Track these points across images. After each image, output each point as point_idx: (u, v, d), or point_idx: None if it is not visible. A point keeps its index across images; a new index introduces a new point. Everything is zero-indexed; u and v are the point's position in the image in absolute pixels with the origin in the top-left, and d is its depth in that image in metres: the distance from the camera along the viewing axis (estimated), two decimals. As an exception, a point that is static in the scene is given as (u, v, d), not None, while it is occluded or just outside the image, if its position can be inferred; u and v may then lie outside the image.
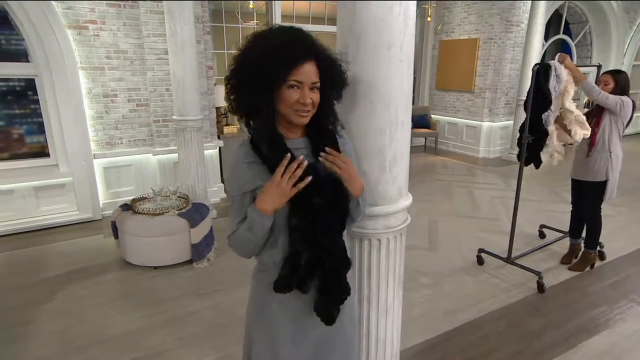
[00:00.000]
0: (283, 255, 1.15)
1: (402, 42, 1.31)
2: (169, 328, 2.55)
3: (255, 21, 6.30)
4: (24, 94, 4.39)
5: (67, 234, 4.00)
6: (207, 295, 2.91)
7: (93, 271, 3.26)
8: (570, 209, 3.42)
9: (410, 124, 1.48)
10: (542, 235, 3.90)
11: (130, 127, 4.40)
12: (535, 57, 6.35)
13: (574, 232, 3.40)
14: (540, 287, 2.94)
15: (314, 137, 1.18)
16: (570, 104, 2.96)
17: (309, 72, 1.07)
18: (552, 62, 2.86)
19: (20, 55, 4.12)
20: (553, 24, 8.12)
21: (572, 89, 2.95)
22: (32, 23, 3.81)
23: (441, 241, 3.84)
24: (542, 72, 2.82)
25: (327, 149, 1.12)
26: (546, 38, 7.78)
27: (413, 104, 8.06)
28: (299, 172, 1.04)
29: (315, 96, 1.10)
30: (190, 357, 2.28)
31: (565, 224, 3.60)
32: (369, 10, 1.26)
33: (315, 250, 1.12)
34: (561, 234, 3.70)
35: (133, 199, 3.40)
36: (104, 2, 4.01)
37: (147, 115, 4.45)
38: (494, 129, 7.14)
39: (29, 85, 4.25)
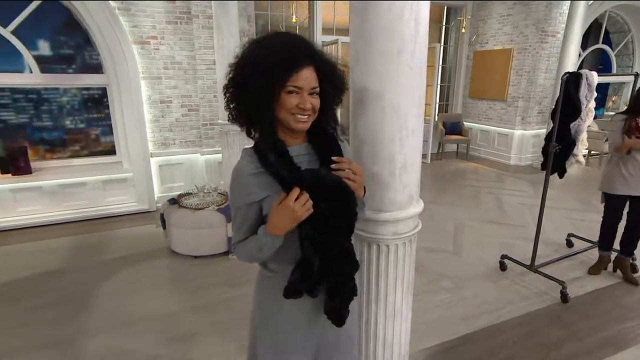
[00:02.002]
0: (292, 261, 1.06)
1: (413, 48, 1.19)
2: (203, 313, 2.56)
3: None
4: (100, 101, 4.65)
5: (126, 222, 4.17)
6: (239, 285, 2.90)
7: (144, 257, 3.37)
8: (601, 218, 3.06)
9: (422, 132, 1.36)
10: (569, 244, 3.56)
11: (182, 130, 4.53)
12: (570, 66, 5.86)
13: (607, 244, 3.02)
14: (564, 297, 2.67)
15: (316, 143, 1.09)
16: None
17: (308, 77, 0.98)
18: (583, 71, 2.59)
19: (97, 68, 4.36)
20: (592, 33, 7.47)
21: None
22: (105, 40, 4.01)
23: (465, 246, 3.62)
24: (572, 81, 2.55)
25: (335, 158, 1.03)
26: (584, 47, 7.19)
27: (446, 111, 7.79)
28: (310, 204, 0.97)
29: (315, 101, 1.01)
30: (218, 342, 2.27)
31: (594, 233, 3.26)
32: (379, 15, 1.15)
33: (325, 254, 1.03)
34: (589, 244, 3.35)
35: (179, 194, 3.48)
36: (164, 17, 4.14)
37: (196, 119, 4.55)
38: (526, 137, 6.67)
39: (103, 93, 4.49)
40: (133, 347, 2.26)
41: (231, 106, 1.04)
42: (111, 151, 4.67)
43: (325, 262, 1.05)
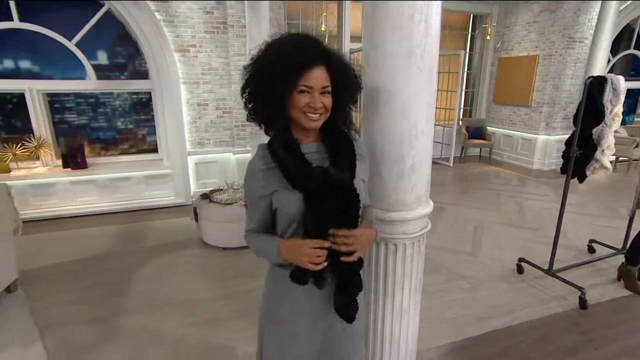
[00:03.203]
0: None
1: (422, 50, 1.13)
2: (226, 300, 2.59)
3: (327, 43, 6.25)
4: (147, 104, 4.82)
5: (164, 214, 4.30)
6: (260, 277, 2.87)
7: (178, 246, 3.45)
8: (626, 225, 2.83)
9: (432, 133, 1.29)
10: (591, 250, 3.31)
11: (216, 131, 4.62)
12: (598, 72, 5.47)
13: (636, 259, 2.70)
14: (582, 303, 2.48)
15: (328, 142, 1.05)
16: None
17: (318, 76, 0.95)
18: (608, 75, 2.40)
19: (144, 74, 4.53)
20: (624, 38, 6.95)
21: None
22: (152, 49, 4.15)
23: (483, 247, 3.45)
24: (595, 85, 2.37)
25: (334, 232, 0.97)
26: (615, 53, 6.70)
27: (470, 116, 7.51)
28: (319, 260, 0.96)
29: (327, 100, 0.98)
30: (237, 329, 2.29)
31: (617, 240, 3.02)
32: (388, 17, 1.10)
33: (331, 251, 1.00)
34: (613, 251, 3.10)
35: (211, 190, 3.55)
36: (202, 27, 4.24)
37: (230, 121, 4.63)
38: (550, 142, 6.30)
39: (149, 97, 4.66)
40: (163, 327, 2.31)
41: (249, 106, 1.03)
42: (154, 149, 4.84)
43: (330, 256, 1.01)
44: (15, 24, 3.90)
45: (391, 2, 1.08)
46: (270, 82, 0.94)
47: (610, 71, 6.72)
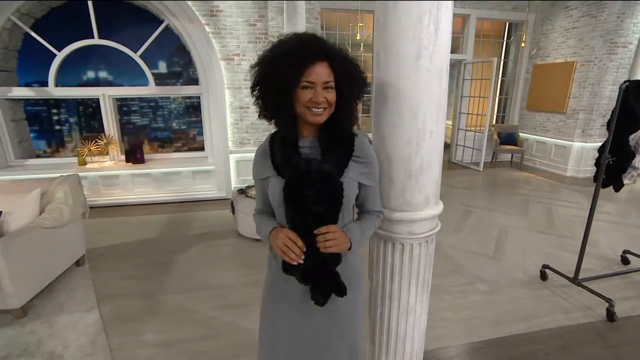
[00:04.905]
0: None
1: (432, 52, 1.06)
2: (254, 288, 2.62)
3: (362, 51, 6.16)
4: (197, 107, 5.04)
5: (207, 206, 4.44)
6: (287, 266, 2.91)
7: (216, 236, 3.56)
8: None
9: (442, 135, 1.20)
10: (625, 261, 2.96)
11: (256, 132, 4.70)
12: (642, 78, 4.90)
13: None
14: (610, 315, 2.22)
15: (323, 138, 1.01)
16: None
17: (320, 72, 0.92)
18: (647, 80, 2.12)
19: (195, 81, 4.73)
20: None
21: None
22: (201, 57, 4.32)
23: (506, 251, 3.21)
24: (632, 90, 2.10)
25: (315, 232, 0.97)
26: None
27: (502, 122, 7.05)
28: (290, 252, 0.96)
29: (330, 95, 0.95)
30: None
31: (655, 253, 2.68)
32: (398, 19, 1.04)
33: (310, 239, 0.97)
34: (649, 264, 2.76)
35: (247, 186, 3.61)
36: (246, 37, 4.34)
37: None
38: (586, 150, 5.75)
39: (199, 101, 4.87)
40: (196, 307, 2.39)
41: (259, 103, 1.02)
42: (202, 148, 5.05)
43: (311, 247, 0.98)
44: (96, 40, 4.30)
45: (400, 4, 1.02)
46: (275, 78, 0.93)
47: (656, 77, 6.00)
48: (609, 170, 2.33)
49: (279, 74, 0.92)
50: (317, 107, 0.94)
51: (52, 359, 1.94)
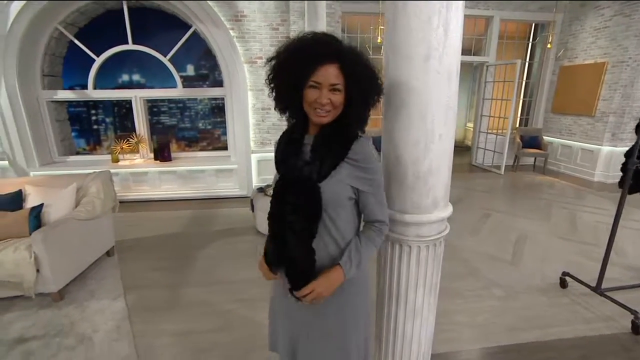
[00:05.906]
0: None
1: (441, 53, 1.03)
2: (268, 283, 2.64)
3: (382, 54, 6.10)
4: (222, 108, 5.15)
5: (229, 204, 4.53)
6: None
7: (237, 232, 3.62)
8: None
9: (452, 137, 1.17)
10: (654, 271, 2.77)
11: (277, 132, 4.74)
12: (680, 79, 4.56)
13: None
14: (636, 328, 2.07)
15: (318, 137, 1.00)
16: None
17: (328, 73, 0.90)
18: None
19: (220, 83, 4.85)
20: None
21: None
22: (226, 61, 4.42)
23: (525, 257, 3.07)
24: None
25: (297, 295, 1.03)
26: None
27: (526, 125, 6.76)
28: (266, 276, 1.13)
29: (335, 97, 0.93)
30: (276, 308, 2.32)
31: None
32: (407, 20, 1.02)
33: (285, 246, 1.01)
34: (681, 275, 2.56)
35: (266, 185, 3.66)
36: (269, 41, 4.40)
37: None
38: (615, 154, 5.41)
39: (224, 102, 4.99)
40: (214, 300, 2.44)
41: (273, 96, 1.02)
42: (225, 147, 5.16)
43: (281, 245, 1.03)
44: (130, 46, 4.51)
45: (409, 4, 1.00)
46: (286, 74, 0.93)
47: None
48: (637, 176, 2.18)
49: (290, 71, 0.92)
50: (321, 108, 0.94)
51: (83, 340, 2.05)
